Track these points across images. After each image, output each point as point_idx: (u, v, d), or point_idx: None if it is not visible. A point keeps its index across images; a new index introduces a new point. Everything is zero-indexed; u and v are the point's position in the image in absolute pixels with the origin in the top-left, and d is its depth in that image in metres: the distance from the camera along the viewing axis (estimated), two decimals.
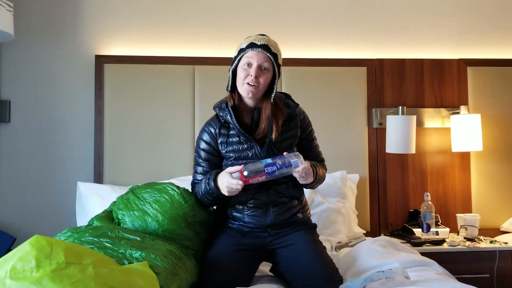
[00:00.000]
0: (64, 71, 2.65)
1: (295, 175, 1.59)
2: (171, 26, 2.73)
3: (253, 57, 1.62)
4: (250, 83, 1.62)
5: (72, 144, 2.63)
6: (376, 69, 2.78)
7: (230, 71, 1.67)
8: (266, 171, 1.51)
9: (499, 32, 2.92)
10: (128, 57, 2.64)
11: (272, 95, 1.67)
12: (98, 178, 2.55)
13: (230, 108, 1.67)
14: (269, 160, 1.54)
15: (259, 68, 1.63)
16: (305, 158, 1.68)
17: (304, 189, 1.79)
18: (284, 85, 2.67)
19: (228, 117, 1.67)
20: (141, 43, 2.71)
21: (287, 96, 1.78)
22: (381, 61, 2.79)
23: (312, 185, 1.72)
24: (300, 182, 1.63)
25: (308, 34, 2.81)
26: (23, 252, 1.09)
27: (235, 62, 1.66)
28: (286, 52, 2.74)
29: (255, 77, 1.61)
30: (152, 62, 2.63)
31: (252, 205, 1.67)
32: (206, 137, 1.73)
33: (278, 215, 1.67)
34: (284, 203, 1.69)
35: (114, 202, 1.79)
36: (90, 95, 2.63)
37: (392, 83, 2.79)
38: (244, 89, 1.64)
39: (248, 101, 1.69)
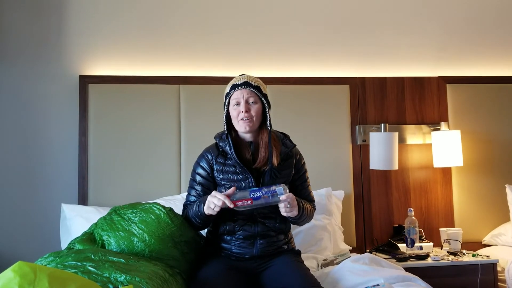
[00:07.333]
0: (47, 91, 2.63)
1: (280, 205, 1.66)
2: (156, 46, 2.75)
3: (238, 96, 1.77)
4: (243, 119, 1.75)
5: (56, 165, 2.61)
6: (359, 87, 2.84)
7: (224, 115, 1.79)
8: (251, 195, 1.62)
9: (476, 51, 3.02)
10: (113, 77, 2.64)
11: (268, 122, 1.78)
12: (83, 199, 2.53)
13: (230, 139, 1.78)
14: (255, 188, 1.66)
15: (247, 103, 1.76)
16: (296, 197, 1.75)
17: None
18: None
19: (227, 147, 1.78)
20: (125, 63, 2.71)
21: (285, 136, 1.88)
22: (363, 80, 2.85)
23: (297, 220, 1.79)
24: (284, 213, 1.68)
25: (293, 53, 2.86)
26: (5, 279, 1.08)
27: (226, 106, 1.79)
28: (271, 71, 2.80)
29: (246, 111, 1.74)
30: (136, 82, 2.64)
31: (240, 237, 1.76)
32: (203, 162, 1.82)
33: (264, 247, 1.76)
34: (271, 236, 1.78)
35: (95, 223, 1.79)
36: (74, 115, 2.61)
37: (374, 101, 2.85)
38: (240, 126, 1.77)
39: (246, 136, 1.81)
